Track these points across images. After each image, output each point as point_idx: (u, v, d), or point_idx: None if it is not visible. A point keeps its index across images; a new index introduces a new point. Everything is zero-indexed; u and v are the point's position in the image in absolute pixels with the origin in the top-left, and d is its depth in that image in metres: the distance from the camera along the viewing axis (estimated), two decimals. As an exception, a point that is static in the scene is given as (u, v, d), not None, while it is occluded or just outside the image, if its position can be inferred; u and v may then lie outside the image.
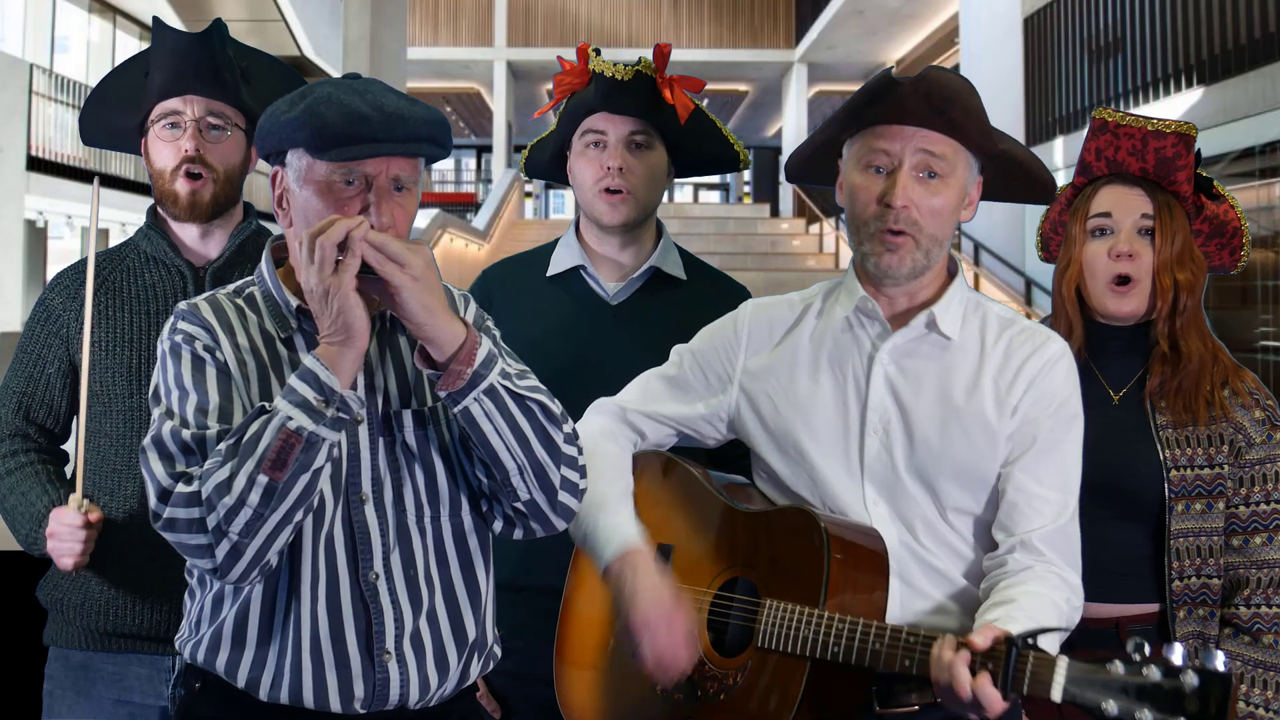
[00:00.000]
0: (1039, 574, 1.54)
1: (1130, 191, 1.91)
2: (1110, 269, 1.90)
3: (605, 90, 2.04)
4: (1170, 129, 1.87)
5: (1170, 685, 1.25)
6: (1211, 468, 1.86)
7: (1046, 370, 1.62)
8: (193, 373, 1.45)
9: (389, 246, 1.37)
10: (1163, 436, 1.88)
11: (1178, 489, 1.85)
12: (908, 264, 1.61)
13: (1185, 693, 1.24)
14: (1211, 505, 1.85)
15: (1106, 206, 1.92)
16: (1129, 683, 1.27)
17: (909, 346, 1.65)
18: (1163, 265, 1.88)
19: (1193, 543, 1.85)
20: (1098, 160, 1.94)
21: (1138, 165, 1.90)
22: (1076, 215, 1.95)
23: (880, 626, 1.49)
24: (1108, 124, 1.90)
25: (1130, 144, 1.89)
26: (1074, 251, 1.93)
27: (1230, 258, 2.02)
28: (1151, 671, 1.27)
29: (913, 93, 1.55)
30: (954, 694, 1.38)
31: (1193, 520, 1.85)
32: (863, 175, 1.62)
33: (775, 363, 1.73)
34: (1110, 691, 1.28)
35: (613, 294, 2.13)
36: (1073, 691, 1.31)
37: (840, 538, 1.57)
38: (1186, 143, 1.87)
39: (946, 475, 1.61)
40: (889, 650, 1.47)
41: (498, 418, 1.42)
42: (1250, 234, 2.04)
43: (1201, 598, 1.85)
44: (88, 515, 1.88)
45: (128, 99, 2.01)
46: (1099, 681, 1.29)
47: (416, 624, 1.48)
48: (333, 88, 1.42)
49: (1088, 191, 1.95)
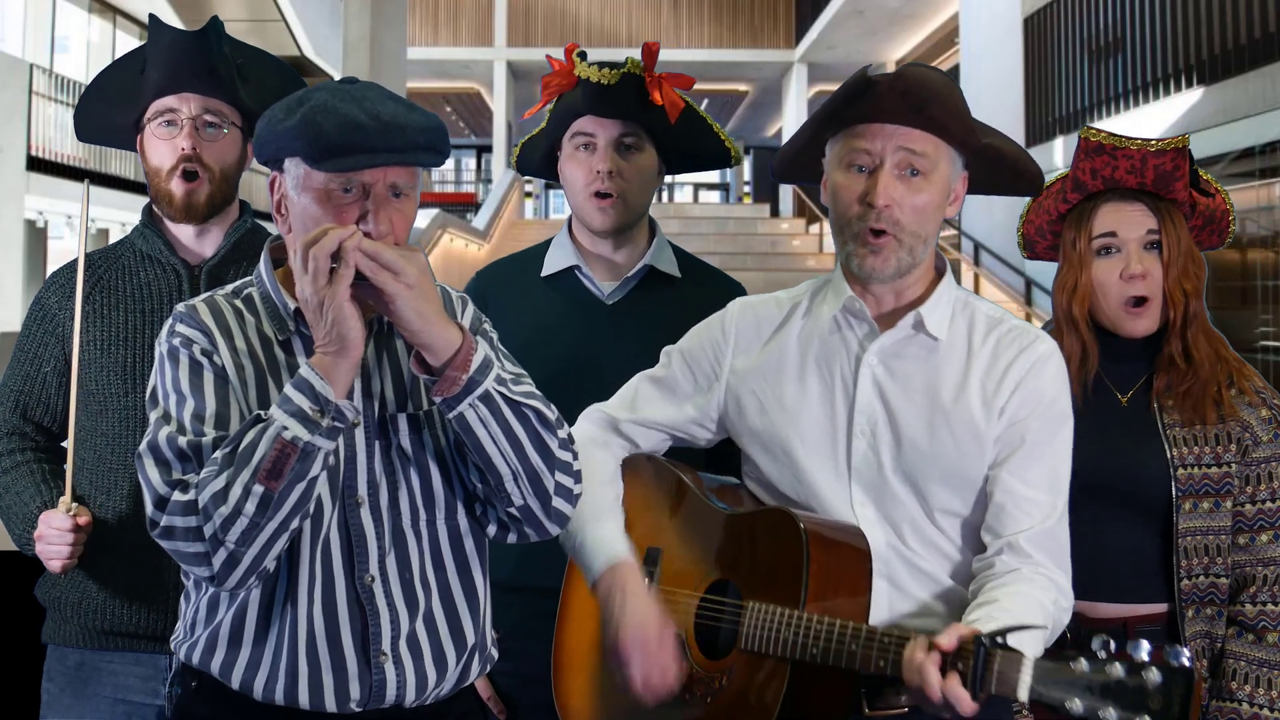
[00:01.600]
0: (1026, 575, 1.53)
1: (1132, 208, 1.90)
2: (1124, 291, 1.89)
3: (592, 95, 2.04)
4: (1169, 148, 1.86)
5: (1134, 682, 1.26)
6: (1219, 466, 1.86)
7: (1034, 371, 1.62)
8: (190, 377, 1.45)
9: (382, 255, 1.36)
10: (1170, 436, 1.88)
11: (1185, 488, 1.85)
12: (892, 264, 1.60)
13: (1148, 689, 1.25)
14: (1219, 504, 1.85)
15: (1110, 225, 1.91)
16: (1093, 680, 1.28)
17: (896, 347, 1.65)
18: (1173, 282, 1.88)
19: (1200, 541, 1.85)
20: (1093, 179, 1.92)
21: (1136, 181, 1.89)
22: (1080, 233, 1.93)
23: (857, 627, 1.49)
24: (1104, 147, 1.89)
25: (1128, 163, 1.88)
26: (1081, 274, 1.92)
27: (1218, 239, 2.02)
28: (1115, 669, 1.27)
29: (890, 91, 1.54)
30: (925, 695, 1.38)
31: (1200, 519, 1.85)
32: (845, 175, 1.62)
33: (763, 363, 1.73)
34: (1075, 690, 1.28)
35: (607, 293, 2.12)
36: (1039, 690, 1.31)
37: (820, 537, 1.56)
38: (1183, 155, 1.87)
39: (933, 477, 1.61)
40: (864, 651, 1.47)
41: (492, 424, 1.42)
42: (1239, 227, 2.05)
43: (1210, 597, 1.85)
44: (76, 518, 1.88)
45: (124, 96, 2.01)
46: (1064, 680, 1.29)
47: (413, 626, 1.48)
48: (329, 94, 1.42)
49: (1087, 209, 1.93)
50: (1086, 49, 12.15)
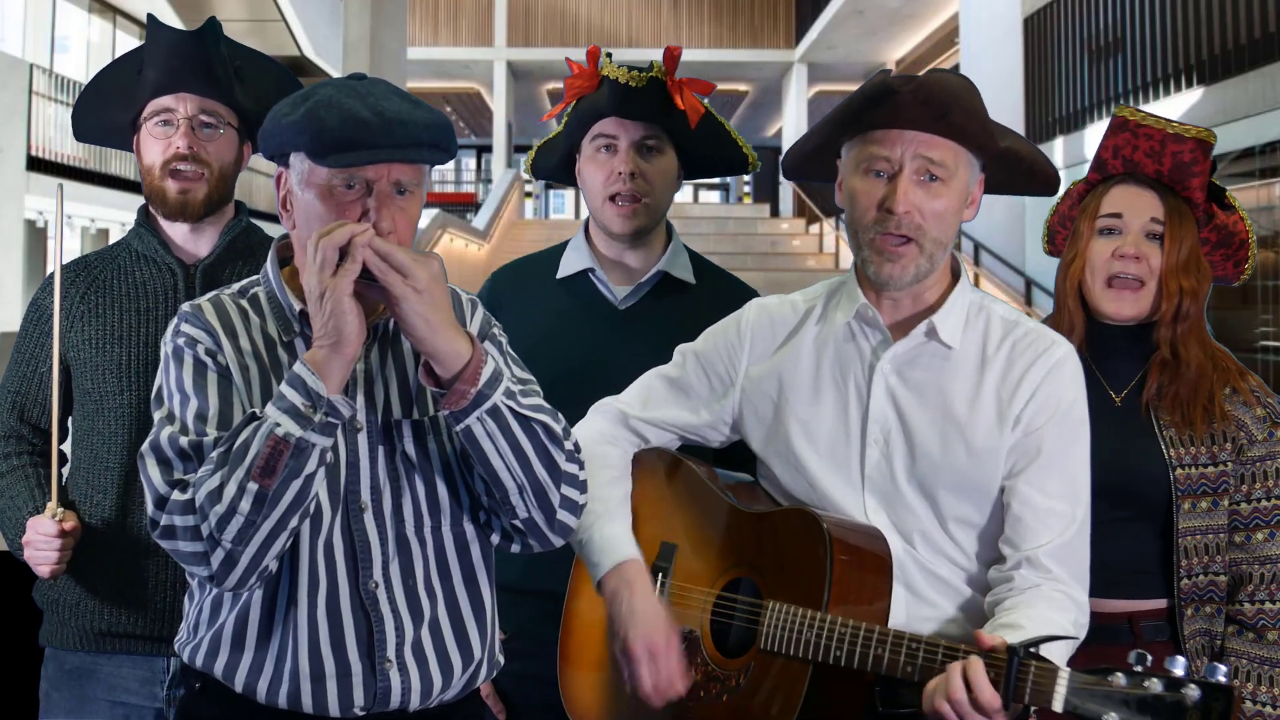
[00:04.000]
0: (1046, 594, 1.51)
1: (1142, 193, 1.90)
2: (1110, 267, 1.89)
3: (618, 96, 2.03)
4: (1190, 134, 1.85)
5: (1172, 698, 1.24)
6: (1215, 465, 1.86)
7: (1050, 377, 1.59)
8: (194, 377, 1.44)
9: (394, 256, 1.35)
10: (1166, 436, 1.87)
11: (1184, 488, 1.85)
12: (910, 271, 1.59)
13: (1187, 706, 1.23)
14: (1217, 503, 1.85)
15: (1117, 206, 1.91)
16: (1130, 695, 1.26)
17: (910, 356, 1.63)
18: (1169, 270, 1.87)
19: (1200, 541, 1.85)
20: (1114, 158, 1.92)
21: (1153, 167, 1.89)
22: (1086, 212, 1.93)
23: (883, 632, 1.48)
24: (1128, 122, 1.88)
25: (1148, 145, 1.87)
26: (1079, 247, 1.92)
27: (1234, 269, 2.01)
28: (1153, 684, 1.25)
29: (912, 99, 1.52)
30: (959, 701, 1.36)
31: (1199, 519, 1.85)
32: (863, 179, 1.60)
33: (777, 368, 1.71)
34: (1112, 703, 1.27)
35: (620, 298, 2.11)
36: (1074, 702, 1.29)
37: (844, 540, 1.55)
38: (1205, 149, 1.86)
39: (947, 487, 1.59)
40: (891, 656, 1.46)
41: (500, 438, 1.41)
42: (1256, 245, 2.02)
43: (1209, 595, 1.85)
44: (62, 524, 1.88)
45: (121, 95, 2.01)
46: (1100, 693, 1.28)
47: (418, 634, 1.47)
48: (335, 90, 1.41)
49: (1099, 190, 1.94)
50: (1086, 49, 12.15)
